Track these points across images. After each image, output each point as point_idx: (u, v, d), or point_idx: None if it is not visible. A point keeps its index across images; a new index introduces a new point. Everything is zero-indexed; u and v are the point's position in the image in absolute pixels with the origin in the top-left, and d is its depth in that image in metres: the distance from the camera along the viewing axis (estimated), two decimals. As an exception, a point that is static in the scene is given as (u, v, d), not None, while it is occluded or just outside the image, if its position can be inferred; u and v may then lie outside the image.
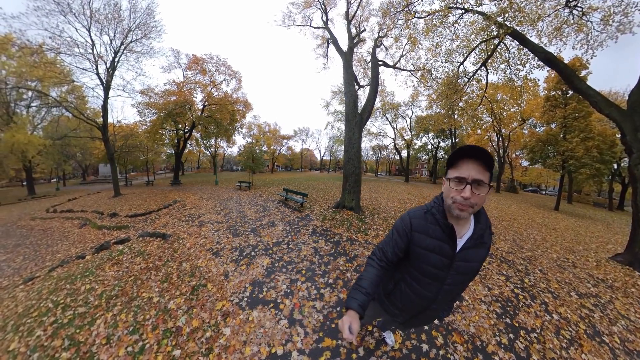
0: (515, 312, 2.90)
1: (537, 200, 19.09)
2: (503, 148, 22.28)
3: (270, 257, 3.86)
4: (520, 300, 3.20)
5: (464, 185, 0.85)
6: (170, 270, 3.47)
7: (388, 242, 1.11)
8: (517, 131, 20.91)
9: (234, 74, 20.00)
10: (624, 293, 3.86)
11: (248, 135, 35.32)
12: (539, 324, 2.74)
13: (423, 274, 1.06)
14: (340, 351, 2.05)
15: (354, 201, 7.21)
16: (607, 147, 13.99)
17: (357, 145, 7.45)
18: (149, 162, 24.04)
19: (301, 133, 49.27)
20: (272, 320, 2.40)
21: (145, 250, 4.34)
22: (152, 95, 16.27)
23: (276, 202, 8.39)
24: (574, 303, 3.33)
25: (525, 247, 5.55)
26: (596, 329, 2.82)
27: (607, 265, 5.04)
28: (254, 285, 3.06)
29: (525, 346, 2.36)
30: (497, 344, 2.34)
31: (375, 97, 8.41)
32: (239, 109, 21.70)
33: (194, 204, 8.52)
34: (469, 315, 2.71)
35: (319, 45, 11.52)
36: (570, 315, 2.99)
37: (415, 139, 29.10)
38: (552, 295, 3.42)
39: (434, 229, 1.00)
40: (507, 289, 3.44)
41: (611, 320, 3.05)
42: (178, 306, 2.64)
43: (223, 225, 5.58)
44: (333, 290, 2.96)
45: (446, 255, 0.99)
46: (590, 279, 4.23)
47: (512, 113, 18.00)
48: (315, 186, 14.21)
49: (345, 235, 5.08)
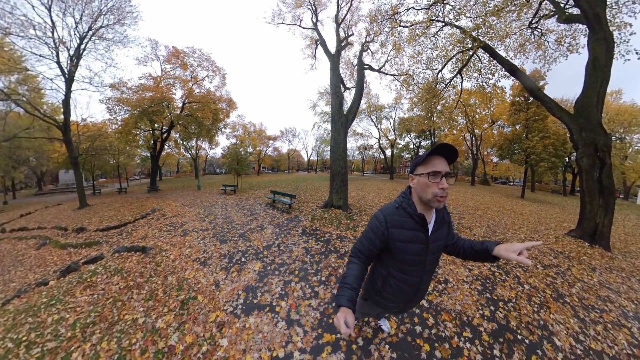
0: (494, 287, 3.22)
1: (506, 191, 21.06)
2: (476, 146, 24.98)
3: (261, 261, 3.82)
4: (497, 276, 3.56)
5: (439, 178, 0.95)
6: (155, 287, 3.22)
7: (365, 240, 1.17)
8: (487, 131, 23.57)
9: (218, 70, 18.58)
10: (578, 261, 4.50)
11: (232, 136, 33.95)
12: (513, 294, 3.09)
13: (407, 263, 1.15)
14: (340, 344, 2.12)
15: (342, 200, 7.36)
16: (560, 144, 16.24)
17: (342, 145, 7.61)
18: (121, 166, 21.51)
19: (288, 133, 48.55)
20: (269, 324, 2.39)
21: (124, 267, 3.99)
22: (125, 90, 14.48)
23: (264, 205, 8.25)
24: (540, 274, 3.81)
25: (498, 231, 6.12)
26: (559, 292, 3.29)
27: (563, 240, 5.75)
28: (247, 291, 3.01)
29: (505, 315, 2.65)
30: (481, 316, 2.59)
31: (360, 99, 8.65)
32: (222, 108, 20.19)
33: (175, 211, 7.96)
34: (455, 295, 2.95)
35: (307, 45, 11.44)
36: (538, 284, 3.43)
37: (398, 139, 30.83)
38: (522, 270, 3.86)
39: (408, 221, 1.09)
40: (485, 268, 3.80)
41: (570, 284, 3.57)
42: (168, 324, 2.47)
43: (209, 233, 5.35)
44: (327, 287, 3.03)
45: (422, 241, 1.10)
46: (551, 253, 4.80)
47: (483, 116, 21.08)
48: (303, 187, 14.14)
49: (335, 233, 5.17)
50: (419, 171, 1.01)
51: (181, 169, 50.04)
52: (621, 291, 3.58)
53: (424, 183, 0.99)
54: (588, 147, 5.41)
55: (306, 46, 11.54)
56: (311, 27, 10.23)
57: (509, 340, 2.28)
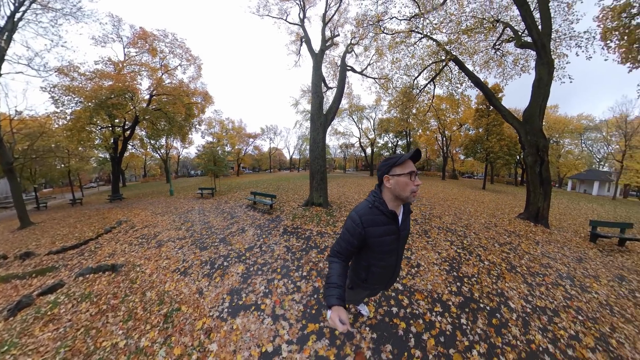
0: (459, 266, 3.63)
1: (471, 183, 23.63)
2: (446, 145, 27.46)
3: (244, 264, 3.78)
4: (462, 256, 4.00)
5: (415, 177, 1.12)
6: (133, 305, 2.98)
7: (343, 242, 1.25)
8: (456, 133, 26.31)
9: (193, 59, 16.21)
10: (526, 238, 5.28)
11: (208, 134, 31.28)
12: (476, 270, 3.52)
13: (384, 253, 1.29)
14: (324, 332, 2.25)
15: (322, 197, 7.48)
16: (512, 145, 18.90)
17: (321, 144, 7.72)
18: (73, 172, 17.53)
19: (269, 131, 46.15)
20: (256, 322, 2.43)
21: (92, 291, 3.53)
22: (76, 76, 11.86)
23: (244, 207, 8.01)
24: (497, 251, 4.37)
25: (463, 218, 6.78)
26: (512, 264, 3.84)
27: (515, 222, 6.64)
28: (231, 294, 2.98)
29: (469, 288, 3.02)
30: (449, 292, 2.92)
31: (340, 99, 8.78)
32: (197, 102, 17.82)
33: (146, 222, 7.26)
34: (426, 276, 3.26)
35: (292, 41, 11.01)
36: (496, 260, 3.96)
37: (378, 138, 32.20)
38: (483, 249, 4.39)
39: (381, 218, 1.21)
40: (452, 250, 4.24)
41: (520, 257, 4.19)
42: (152, 341, 2.35)
43: (187, 241, 5.08)
44: (308, 281, 3.15)
45: (394, 232, 1.25)
46: (506, 233, 5.53)
47: (452, 119, 24.17)
48: (284, 186, 13.94)
49: (315, 230, 5.29)
50: (397, 172, 1.12)
51: (149, 173, 43.85)
52: (557, 258, 4.32)
53: (404, 182, 1.11)
54: (532, 148, 6.54)
55: (291, 42, 11.11)
56: (298, 23, 9.97)
57: (473, 310, 2.61)
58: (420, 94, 10.00)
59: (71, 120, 11.94)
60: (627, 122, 19.65)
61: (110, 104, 11.78)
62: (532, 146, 6.53)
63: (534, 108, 6.56)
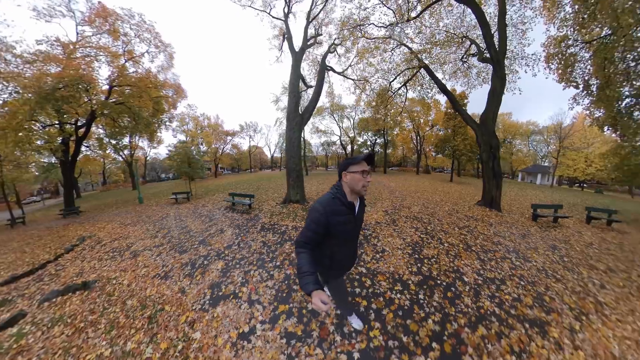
0: (421, 249, 4.04)
1: (441, 177, 25.68)
2: (420, 144, 30.89)
3: (223, 260, 3.89)
4: (424, 240, 4.45)
5: (367, 174, 1.34)
6: (114, 316, 2.91)
7: (308, 232, 1.34)
8: (428, 133, 29.43)
9: (164, 46, 13.99)
10: (482, 221, 5.97)
11: (180, 131, 28.26)
12: (436, 252, 3.95)
13: (345, 239, 1.48)
14: (293, 311, 2.52)
15: (299, 194, 7.67)
16: (474, 144, 20.84)
17: (297, 143, 7.88)
18: (7, 183, 13.33)
19: (248, 128, 42.82)
20: (234, 309, 2.64)
21: (64, 313, 3.24)
22: (10, 59, 9.47)
23: (223, 209, 7.87)
24: (456, 233, 4.92)
25: (429, 207, 7.43)
26: (468, 244, 4.36)
27: (474, 208, 7.46)
28: (212, 288, 3.10)
29: (428, 268, 3.41)
30: (410, 272, 3.28)
31: (318, 99, 8.85)
32: (167, 96, 15.63)
33: (115, 234, 6.61)
34: (390, 260, 3.62)
35: (275, 36, 10.58)
36: (454, 241, 4.46)
37: (358, 137, 33.14)
38: (444, 233, 4.92)
39: (341, 209, 1.38)
40: (416, 236, 4.69)
41: (476, 237, 4.76)
42: (139, 342, 2.39)
43: (165, 247, 4.90)
44: (281, 270, 3.43)
45: (352, 221, 1.44)
46: (465, 218, 6.21)
47: (425, 121, 27.47)
48: (265, 186, 13.84)
49: (291, 225, 5.53)
50: (353, 169, 1.34)
51: (109, 179, 36.57)
52: (506, 236, 5.01)
53: (358, 178, 1.34)
54: (486, 146, 7.59)
55: (274, 36, 10.67)
56: (282, 18, 9.59)
57: (430, 286, 2.96)
58: (393, 96, 10.70)
59: (4, 116, 9.27)
60: (562, 129, 25.31)
61: (60, 96, 9.45)
62: (486, 145, 7.54)
63: (488, 113, 7.62)
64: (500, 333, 2.29)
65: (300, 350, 2.04)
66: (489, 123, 7.58)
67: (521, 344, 2.19)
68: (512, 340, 2.22)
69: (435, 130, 28.14)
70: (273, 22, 10.20)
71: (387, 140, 31.43)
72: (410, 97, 14.68)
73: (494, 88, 7.47)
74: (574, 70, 8.39)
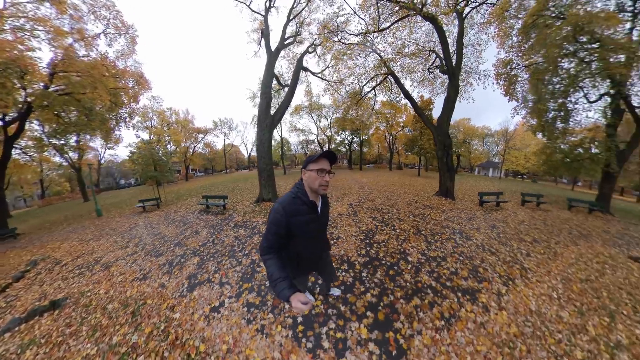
0: (373, 235, 4.56)
1: (412, 172, 27.68)
2: (392, 143, 34.27)
3: (199, 256, 4.22)
4: (379, 228, 5.02)
5: (324, 174, 1.27)
6: (95, 321, 2.88)
7: (271, 236, 1.28)
8: (400, 133, 32.55)
9: (125, 27, 11.79)
10: (436, 209, 6.79)
11: (143, 128, 24.74)
12: (386, 237, 4.46)
13: (310, 239, 1.43)
14: (254, 287, 3.04)
15: (271, 193, 8.02)
16: None
17: (267, 144, 8.15)
18: None
19: (223, 125, 39.34)
20: (208, 290, 3.11)
21: (34, 336, 2.98)
22: None
23: (197, 213, 7.88)
24: (411, 220, 5.55)
25: (392, 199, 8.27)
26: (419, 229, 4.87)
27: (432, 198, 8.45)
28: (190, 278, 3.47)
29: (376, 251, 3.83)
30: (358, 255, 3.67)
31: (290, 99, 8.94)
32: (127, 86, 13.33)
33: (76, 252, 5.92)
34: (342, 245, 4.10)
35: (255, 29, 10.18)
36: (407, 227, 5.03)
37: (336, 135, 34.09)
38: (399, 220, 5.54)
39: (303, 208, 1.32)
40: (372, 224, 5.25)
41: (427, 223, 5.38)
42: (124, 334, 2.52)
43: (140, 255, 4.87)
44: (248, 257, 3.93)
45: (315, 220, 1.40)
46: (422, 207, 7.02)
47: (397, 122, 30.71)
48: (241, 187, 13.78)
49: (261, 220, 6.00)
50: (311, 167, 1.27)
51: (50, 190, 29.57)
52: (455, 220, 5.75)
53: (314, 176, 1.28)
54: (441, 145, 8.81)
55: (253, 30, 10.27)
56: (262, 12, 9.28)
57: (375, 265, 3.32)
58: (363, 99, 11.55)
59: None
60: (507, 133, 32.64)
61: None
62: (441, 144, 8.72)
63: (443, 117, 8.89)
64: (434, 302, 2.54)
65: (257, 315, 2.55)
66: (443, 125, 8.76)
67: (452, 311, 2.43)
68: (444, 308, 2.46)
69: (405, 131, 30.62)
70: (253, 15, 9.84)
71: (363, 139, 33.22)
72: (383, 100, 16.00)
73: (448, 95, 8.66)
74: (516, 87, 10.63)
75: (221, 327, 2.41)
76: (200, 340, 2.28)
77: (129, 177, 41.18)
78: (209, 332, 2.37)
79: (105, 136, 14.51)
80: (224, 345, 2.18)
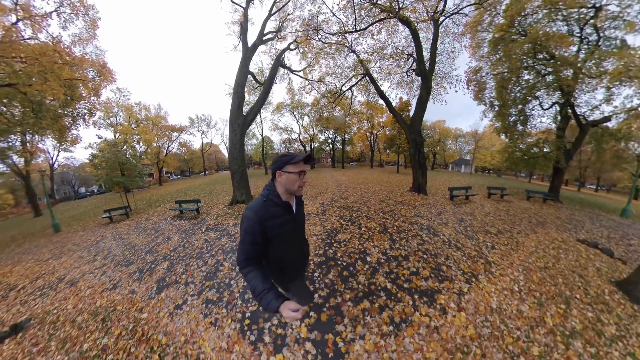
0: (336, 234, 4.38)
1: (391, 170, 28.66)
2: (374, 142, 35.76)
3: (169, 261, 4.32)
4: (343, 226, 4.85)
5: (303, 175, 1.27)
6: (64, 335, 2.78)
7: (247, 246, 1.22)
8: (381, 133, 33.74)
9: (85, 7, 9.98)
10: (408, 205, 6.89)
11: (106, 126, 21.76)
12: (349, 236, 4.21)
13: (289, 241, 1.37)
14: (214, 285, 3.25)
15: (244, 195, 7.96)
16: None
17: (239, 145, 8.03)
18: None
19: (200, 122, 35.70)
20: (174, 291, 3.30)
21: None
22: None
23: (170, 219, 7.58)
24: (380, 218, 5.34)
25: (366, 196, 8.50)
26: (385, 227, 4.70)
27: (405, 194, 8.86)
28: (158, 282, 3.61)
29: (334, 251, 3.64)
30: (315, 255, 3.57)
31: (265, 98, 8.72)
32: (86, 78, 11.29)
33: (34, 274, 5.19)
34: None
35: (235, 22, 9.67)
36: (373, 225, 4.82)
37: (319, 134, 34.13)
38: (367, 218, 5.38)
39: (276, 210, 1.27)
40: (337, 223, 5.11)
41: (396, 219, 5.22)
42: (94, 340, 2.56)
43: (109, 266, 4.62)
44: (214, 258, 4.09)
45: (291, 221, 1.35)
46: (394, 203, 7.13)
47: (378, 122, 32.03)
48: (218, 189, 13.25)
49: (232, 223, 6.02)
50: (289, 169, 1.23)
51: None
52: (424, 216, 5.66)
53: (294, 178, 1.24)
54: (413, 143, 9.33)
55: (233, 22, 9.75)
56: (243, 4, 8.78)
57: (330, 266, 3.14)
58: (340, 98, 11.80)
59: None
60: (477, 134, 36.23)
61: None
62: (413, 142, 9.23)
63: (415, 117, 9.43)
64: (385, 306, 2.41)
65: (213, 310, 2.79)
66: (416, 124, 9.27)
67: (404, 315, 2.30)
68: (395, 312, 2.33)
69: (385, 130, 31.74)
70: (234, 6, 9.29)
71: (345, 138, 33.90)
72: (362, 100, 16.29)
73: (420, 96, 9.17)
74: (484, 93, 11.85)
75: (182, 322, 2.65)
76: (163, 334, 2.50)
77: (90, 184, 36.22)
78: (171, 326, 2.60)
79: (59, 136, 12.15)
80: (182, 337, 2.41)
